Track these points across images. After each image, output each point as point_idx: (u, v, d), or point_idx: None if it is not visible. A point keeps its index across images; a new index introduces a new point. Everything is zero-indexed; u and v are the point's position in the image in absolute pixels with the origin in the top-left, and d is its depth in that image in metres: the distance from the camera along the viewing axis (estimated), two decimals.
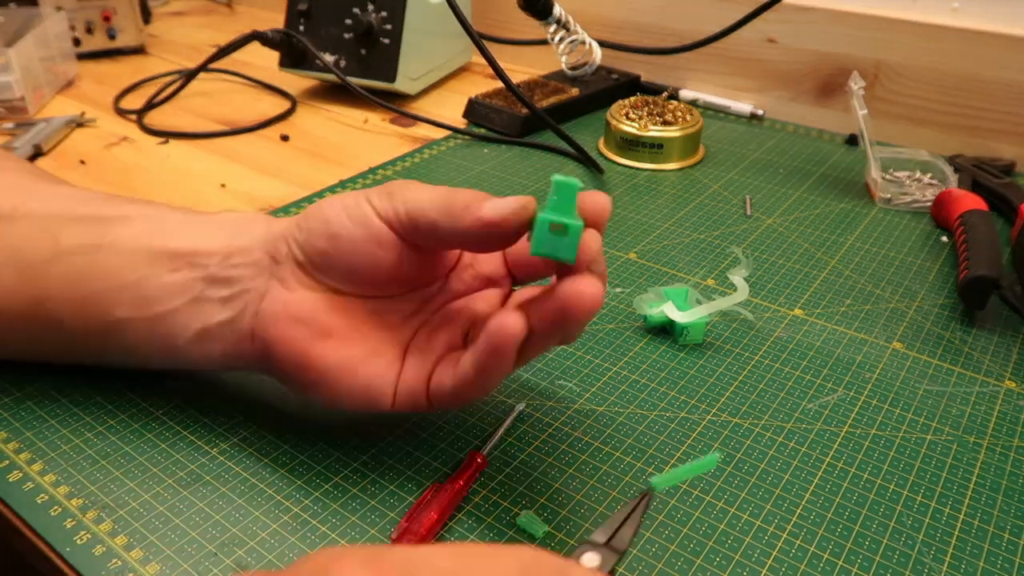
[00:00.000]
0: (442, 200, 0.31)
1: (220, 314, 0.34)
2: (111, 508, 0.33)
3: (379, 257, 0.32)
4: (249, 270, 0.34)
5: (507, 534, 0.32)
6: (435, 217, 0.30)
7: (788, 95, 0.75)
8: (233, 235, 0.35)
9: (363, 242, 0.32)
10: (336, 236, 0.32)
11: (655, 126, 0.65)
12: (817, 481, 0.35)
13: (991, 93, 0.65)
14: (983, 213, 0.52)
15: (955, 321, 0.46)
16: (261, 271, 0.34)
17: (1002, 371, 0.42)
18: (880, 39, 0.68)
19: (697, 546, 0.32)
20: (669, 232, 0.55)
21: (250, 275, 0.34)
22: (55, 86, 0.78)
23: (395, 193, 0.32)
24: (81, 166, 0.64)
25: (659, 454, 0.36)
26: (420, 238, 0.32)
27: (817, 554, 0.32)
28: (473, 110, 0.72)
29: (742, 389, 0.41)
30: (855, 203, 0.60)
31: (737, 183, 0.62)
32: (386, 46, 0.73)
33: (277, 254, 0.33)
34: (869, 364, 0.43)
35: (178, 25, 1.03)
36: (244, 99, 0.79)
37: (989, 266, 0.46)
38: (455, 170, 0.63)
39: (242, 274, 0.34)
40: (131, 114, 0.73)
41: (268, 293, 0.33)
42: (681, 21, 0.78)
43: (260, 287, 0.33)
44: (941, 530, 0.33)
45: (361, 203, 0.32)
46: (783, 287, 0.49)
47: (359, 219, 0.32)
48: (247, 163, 0.65)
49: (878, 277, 0.50)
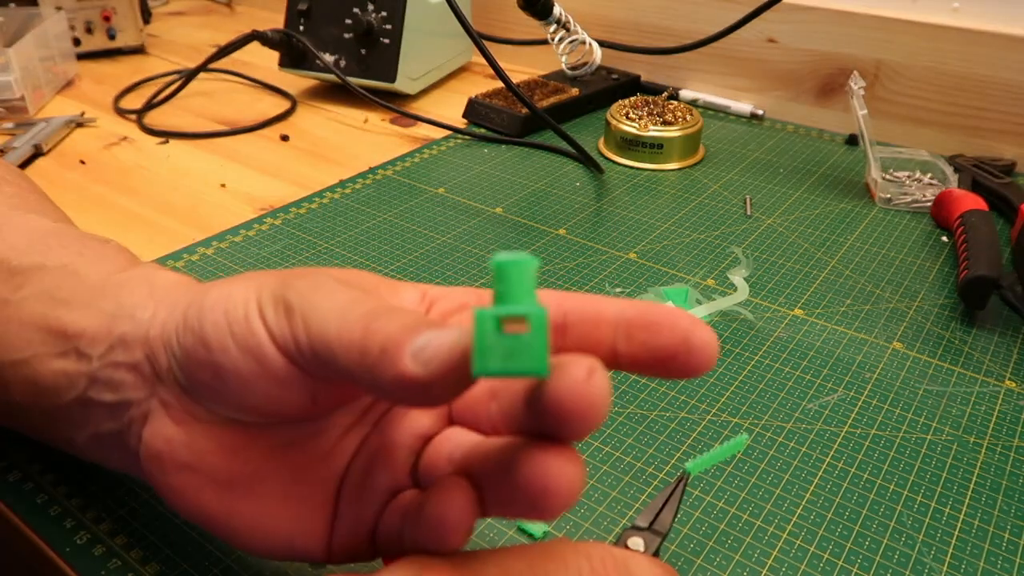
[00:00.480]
0: (351, 339, 0.21)
1: (107, 423, 0.27)
2: (111, 508, 0.33)
3: (278, 396, 0.24)
4: (130, 375, 0.26)
5: (507, 534, 0.32)
6: (346, 365, 0.21)
7: (788, 95, 0.75)
8: (117, 313, 0.28)
9: (253, 378, 0.23)
10: (219, 368, 0.24)
11: (655, 126, 0.65)
12: (817, 481, 0.35)
13: (991, 93, 0.65)
14: (983, 213, 0.52)
15: (955, 321, 0.46)
16: (143, 380, 0.26)
17: (1002, 371, 0.42)
18: (880, 39, 0.68)
19: (697, 546, 0.32)
20: (669, 232, 0.55)
21: (131, 383, 0.26)
22: (55, 86, 0.78)
23: (294, 310, 0.23)
24: (81, 166, 0.64)
25: (659, 454, 0.36)
26: (335, 378, 0.23)
27: (817, 554, 0.32)
28: (473, 110, 0.72)
29: (742, 389, 0.41)
30: (855, 203, 0.60)
31: (737, 183, 0.62)
32: (386, 46, 0.73)
33: (158, 366, 0.26)
34: (869, 364, 0.42)
35: (178, 25, 1.03)
36: (244, 99, 0.79)
37: (989, 266, 0.46)
38: (455, 170, 0.63)
39: (123, 379, 0.27)
40: (131, 114, 0.73)
41: (151, 419, 0.26)
42: (681, 21, 0.78)
43: (143, 404, 0.26)
44: (941, 530, 0.33)
45: (251, 317, 0.24)
46: (783, 287, 0.49)
47: (247, 346, 0.23)
48: (247, 163, 0.65)
49: (878, 277, 0.50)
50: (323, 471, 0.26)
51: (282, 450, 0.26)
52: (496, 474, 0.22)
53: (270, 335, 0.23)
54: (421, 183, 0.61)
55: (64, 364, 0.28)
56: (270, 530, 0.26)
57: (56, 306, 0.29)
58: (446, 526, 0.22)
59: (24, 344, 0.28)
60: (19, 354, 0.29)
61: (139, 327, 0.27)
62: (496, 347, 0.18)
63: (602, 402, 0.19)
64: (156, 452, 0.25)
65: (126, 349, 0.27)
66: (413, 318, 0.21)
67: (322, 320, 0.22)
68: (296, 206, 0.57)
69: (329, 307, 0.23)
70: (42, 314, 0.29)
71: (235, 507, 0.25)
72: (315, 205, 0.57)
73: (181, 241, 0.52)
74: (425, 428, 0.27)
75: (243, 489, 0.25)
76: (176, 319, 0.26)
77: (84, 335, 0.28)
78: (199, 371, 0.24)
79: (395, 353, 0.20)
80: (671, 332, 0.22)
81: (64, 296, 0.29)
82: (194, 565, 0.31)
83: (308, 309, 0.23)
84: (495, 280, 0.19)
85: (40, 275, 0.30)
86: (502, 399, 0.25)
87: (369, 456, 0.27)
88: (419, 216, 0.56)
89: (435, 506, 0.22)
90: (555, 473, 0.20)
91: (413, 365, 0.20)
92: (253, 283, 0.25)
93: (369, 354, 0.21)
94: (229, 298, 0.25)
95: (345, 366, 0.22)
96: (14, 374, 0.29)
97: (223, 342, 0.24)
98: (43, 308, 0.29)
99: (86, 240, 0.33)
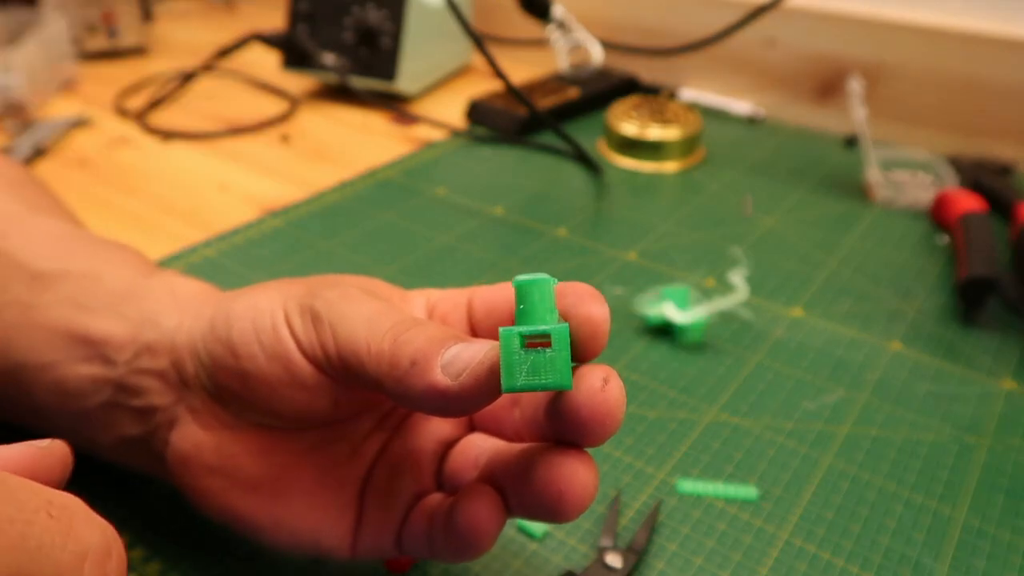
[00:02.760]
0: (381, 350, 0.22)
1: (133, 428, 0.28)
2: (112, 507, 0.33)
3: (303, 401, 0.25)
4: (156, 382, 0.27)
5: (507, 534, 0.32)
6: (374, 374, 0.23)
7: (787, 96, 0.75)
8: (142, 320, 0.28)
9: (281, 385, 0.25)
10: (246, 375, 0.25)
11: (655, 126, 0.65)
12: (817, 481, 0.35)
13: (991, 93, 0.65)
14: (982, 213, 0.52)
15: (955, 321, 0.46)
16: (169, 387, 0.27)
17: (1002, 371, 0.42)
18: (880, 39, 0.68)
19: (697, 546, 0.32)
20: (669, 232, 0.55)
21: (157, 389, 0.27)
22: (55, 86, 0.78)
23: (322, 318, 0.24)
24: (82, 167, 0.64)
25: (659, 454, 0.36)
26: (360, 385, 0.24)
27: (817, 554, 0.32)
28: (474, 111, 0.72)
29: (742, 389, 0.41)
30: (855, 203, 0.60)
31: (737, 183, 0.62)
32: (387, 46, 0.73)
33: (184, 373, 0.27)
34: (869, 364, 0.43)
35: (179, 25, 1.03)
36: (244, 99, 0.79)
37: (989, 266, 0.46)
38: (455, 171, 0.63)
39: (149, 385, 0.27)
40: (132, 114, 0.73)
41: (178, 424, 0.27)
42: (681, 21, 0.78)
43: (169, 410, 0.27)
44: (941, 530, 0.33)
45: (279, 326, 0.25)
46: (783, 287, 0.49)
47: (275, 353, 0.24)
48: (247, 163, 0.65)
49: (878, 277, 0.50)
50: (346, 473, 0.27)
51: (306, 454, 0.27)
52: (517, 479, 0.23)
53: (297, 343, 0.24)
54: (421, 184, 0.61)
55: (90, 369, 0.28)
56: (296, 529, 0.26)
57: (81, 312, 0.29)
58: (476, 532, 0.23)
59: (49, 349, 0.29)
60: (45, 358, 0.29)
61: (164, 335, 0.27)
62: (522, 363, 0.20)
63: (617, 409, 0.21)
64: (184, 456, 0.26)
65: (152, 356, 0.27)
66: (440, 331, 0.22)
67: (351, 330, 0.23)
68: (297, 207, 0.57)
69: (357, 317, 0.24)
70: (67, 319, 0.29)
71: (261, 508, 0.26)
72: (316, 206, 0.57)
73: (182, 242, 0.52)
74: (447, 434, 0.28)
75: (269, 491, 0.26)
76: (202, 327, 0.26)
77: (110, 342, 0.28)
78: (227, 378, 0.25)
79: (425, 366, 0.21)
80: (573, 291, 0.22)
81: (88, 302, 0.29)
82: (194, 564, 0.31)
83: (336, 319, 0.24)
84: (517, 299, 0.20)
85: (64, 280, 0.30)
86: (524, 407, 0.26)
87: (394, 461, 0.27)
88: (419, 216, 0.56)
89: (465, 513, 0.23)
90: (568, 479, 0.21)
91: (444, 378, 0.21)
92: (279, 293, 0.26)
93: (399, 366, 0.22)
94: (256, 307, 0.25)
95: (374, 375, 0.23)
96: (40, 378, 0.29)
97: (251, 350, 0.25)
98: (68, 313, 0.29)
99: (106, 245, 0.33)
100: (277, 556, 0.31)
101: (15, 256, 0.31)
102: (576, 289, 0.22)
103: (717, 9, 0.74)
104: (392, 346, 0.22)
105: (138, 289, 0.30)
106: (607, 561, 0.30)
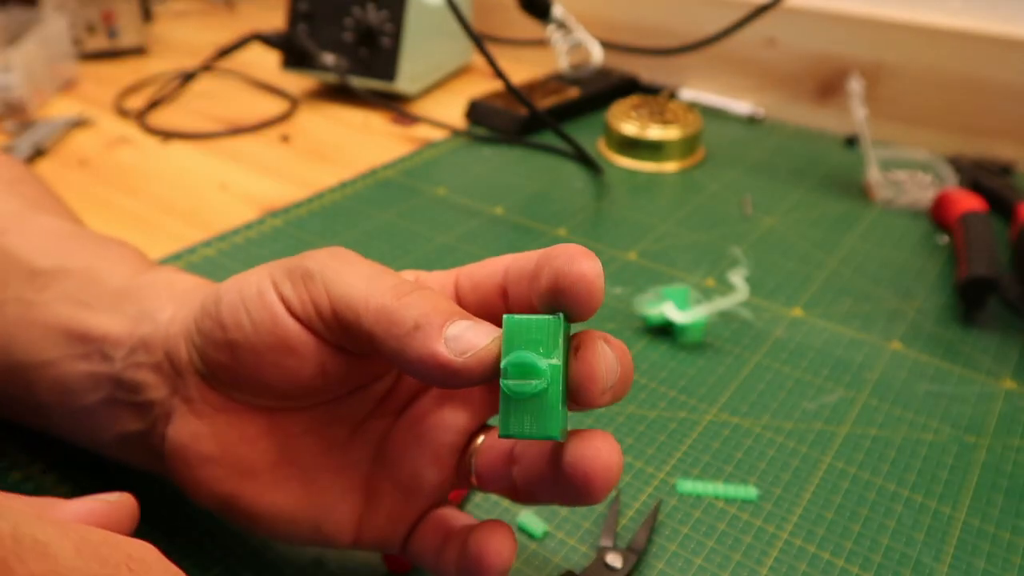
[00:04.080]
0: (382, 305, 0.22)
1: (133, 423, 0.28)
2: None
3: (293, 368, 0.25)
4: (151, 376, 0.27)
5: None
6: (370, 329, 0.23)
7: (788, 96, 0.75)
8: (139, 316, 0.28)
9: (268, 350, 0.24)
10: (234, 346, 0.25)
11: (655, 126, 0.65)
12: (817, 481, 0.35)
13: (991, 93, 0.65)
14: (982, 213, 0.52)
15: (955, 321, 0.46)
16: (164, 380, 0.27)
17: (1002, 371, 0.42)
18: (880, 39, 0.68)
19: (697, 546, 0.32)
20: (669, 232, 0.55)
21: (153, 383, 0.27)
22: (55, 86, 0.78)
23: (314, 276, 0.24)
24: (82, 166, 0.64)
25: (659, 454, 0.36)
26: (350, 344, 0.24)
27: (817, 554, 0.32)
28: (474, 110, 0.72)
29: (742, 389, 0.41)
30: (855, 203, 0.60)
31: (737, 183, 0.62)
32: (387, 46, 0.73)
33: (177, 360, 0.27)
34: (869, 364, 0.43)
35: (179, 25, 1.03)
36: (244, 99, 0.79)
37: (988, 266, 0.46)
38: (456, 170, 0.63)
39: (145, 379, 0.27)
40: (132, 114, 0.73)
41: (174, 418, 0.27)
42: (681, 21, 0.78)
43: (165, 403, 0.27)
44: (941, 530, 0.33)
45: (265, 292, 0.25)
46: (783, 287, 0.49)
47: (260, 318, 0.24)
48: (247, 163, 0.65)
49: (878, 277, 0.50)
50: (346, 456, 0.27)
51: (302, 436, 0.27)
52: (545, 468, 0.24)
53: (285, 303, 0.24)
54: (421, 183, 0.61)
55: (89, 366, 0.28)
56: (295, 516, 0.26)
57: (80, 309, 0.29)
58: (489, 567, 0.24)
59: (49, 346, 0.29)
60: (44, 355, 0.29)
61: (159, 328, 0.28)
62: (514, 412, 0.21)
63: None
64: (181, 447, 0.26)
65: (147, 350, 0.27)
66: (447, 303, 0.23)
67: (347, 285, 0.23)
68: (297, 207, 0.57)
69: (354, 274, 0.24)
70: (67, 316, 0.29)
71: (260, 495, 0.26)
72: (316, 206, 0.57)
73: (182, 242, 0.52)
74: (464, 425, 0.27)
75: (266, 476, 0.26)
76: (194, 309, 0.27)
77: (108, 338, 0.28)
78: (217, 353, 0.25)
79: (430, 332, 0.22)
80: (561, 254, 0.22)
81: (87, 299, 0.30)
82: (194, 563, 0.31)
83: (331, 275, 0.24)
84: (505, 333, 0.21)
85: (63, 277, 0.31)
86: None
87: (410, 451, 0.27)
88: (419, 216, 0.56)
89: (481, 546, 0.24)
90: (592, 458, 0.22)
91: (448, 351, 0.21)
92: (267, 266, 0.26)
93: (400, 324, 0.22)
94: (243, 279, 0.26)
95: (369, 330, 0.23)
96: (40, 375, 0.29)
97: (238, 319, 0.25)
98: (67, 310, 0.29)
99: (105, 242, 0.33)
100: (277, 556, 0.31)
101: (15, 253, 0.32)
102: (568, 250, 0.21)
103: (717, 9, 0.74)
104: (396, 304, 0.22)
105: (136, 286, 0.30)
106: (607, 561, 0.30)
